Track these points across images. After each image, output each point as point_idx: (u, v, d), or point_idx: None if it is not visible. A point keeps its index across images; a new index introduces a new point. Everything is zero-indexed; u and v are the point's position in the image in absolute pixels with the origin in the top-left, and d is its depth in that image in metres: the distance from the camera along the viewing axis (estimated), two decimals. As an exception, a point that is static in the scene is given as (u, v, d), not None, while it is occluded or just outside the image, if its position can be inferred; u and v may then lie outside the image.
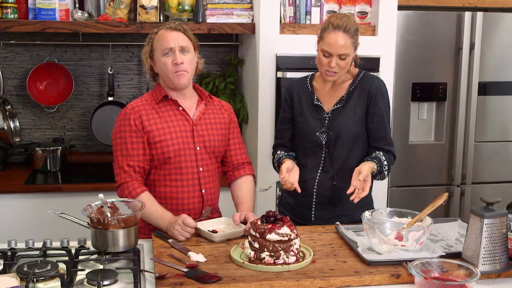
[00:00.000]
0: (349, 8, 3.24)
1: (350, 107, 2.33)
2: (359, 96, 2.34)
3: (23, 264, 1.76)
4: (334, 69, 2.26)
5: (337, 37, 2.22)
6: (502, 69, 3.47)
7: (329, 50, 2.24)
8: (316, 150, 2.37)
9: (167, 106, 2.28)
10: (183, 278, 1.72)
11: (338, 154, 2.34)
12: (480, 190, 3.50)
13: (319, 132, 2.35)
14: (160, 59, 2.22)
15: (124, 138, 2.23)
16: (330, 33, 2.24)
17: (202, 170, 2.28)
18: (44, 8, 3.11)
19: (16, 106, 3.53)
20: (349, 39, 2.23)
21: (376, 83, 2.35)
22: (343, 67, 2.27)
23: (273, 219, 1.86)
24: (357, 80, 2.36)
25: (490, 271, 1.77)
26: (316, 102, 2.38)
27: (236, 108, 3.42)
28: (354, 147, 2.34)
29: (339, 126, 2.32)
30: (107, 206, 1.94)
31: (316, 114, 2.37)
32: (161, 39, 2.22)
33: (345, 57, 2.24)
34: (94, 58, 3.58)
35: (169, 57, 2.21)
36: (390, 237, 1.90)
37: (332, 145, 2.33)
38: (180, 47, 2.20)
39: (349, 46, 2.24)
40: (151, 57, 2.27)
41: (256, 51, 3.16)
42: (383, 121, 2.34)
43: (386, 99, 2.37)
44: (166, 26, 2.25)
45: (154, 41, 2.25)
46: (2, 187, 3.03)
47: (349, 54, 2.25)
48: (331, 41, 2.23)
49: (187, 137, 2.26)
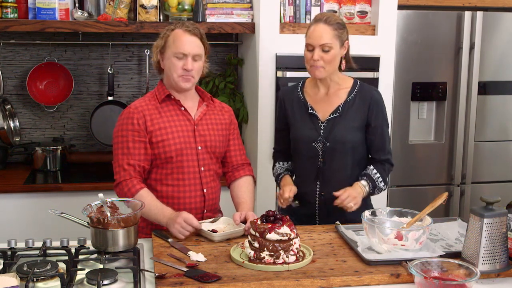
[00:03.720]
0: (349, 8, 3.24)
1: (349, 117, 2.32)
2: (358, 106, 2.32)
3: (23, 263, 1.76)
4: (318, 63, 2.24)
5: (317, 28, 2.24)
6: (502, 69, 3.47)
7: (310, 42, 2.25)
8: (312, 160, 2.35)
9: (169, 106, 2.28)
10: (183, 277, 1.72)
11: (335, 164, 2.33)
12: (480, 189, 3.50)
13: (315, 142, 2.33)
14: (171, 59, 2.22)
15: (126, 137, 2.22)
16: (311, 27, 2.27)
17: (203, 169, 2.28)
18: (44, 8, 3.11)
19: (16, 105, 3.53)
20: (331, 31, 2.23)
21: (376, 95, 2.35)
22: (328, 60, 2.24)
23: (273, 219, 1.86)
24: (356, 90, 2.34)
25: (490, 270, 1.77)
26: (310, 110, 2.36)
27: (236, 108, 3.42)
28: (352, 157, 2.33)
29: (336, 136, 2.31)
30: (107, 206, 1.94)
31: (310, 123, 2.35)
32: (177, 40, 2.21)
33: (328, 49, 2.23)
34: (94, 58, 3.58)
35: (181, 61, 2.20)
36: (390, 237, 1.90)
37: (329, 155, 2.32)
38: (193, 55, 2.21)
39: (331, 37, 2.22)
40: (162, 52, 2.26)
41: (256, 51, 3.16)
42: (383, 133, 2.35)
43: (385, 111, 2.38)
44: (184, 27, 2.22)
45: (169, 39, 2.23)
46: (2, 186, 3.03)
47: (332, 46, 2.23)
48: (312, 32, 2.25)
49: (188, 137, 2.26)
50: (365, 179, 2.32)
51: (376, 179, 2.32)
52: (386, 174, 2.36)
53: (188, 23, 2.26)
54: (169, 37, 2.23)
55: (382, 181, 2.33)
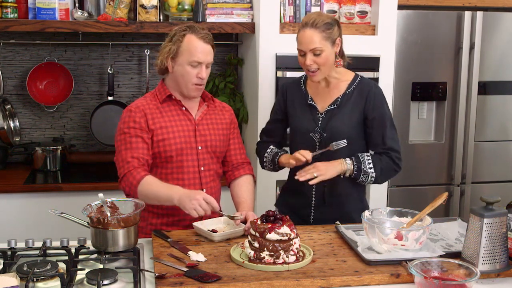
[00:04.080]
0: (348, 8, 3.24)
1: (346, 110, 2.33)
2: (356, 100, 2.33)
3: (23, 263, 1.76)
4: (312, 67, 2.26)
5: (304, 34, 2.25)
6: (502, 69, 3.47)
7: (300, 48, 2.27)
8: (310, 151, 2.35)
9: (170, 106, 2.28)
10: (183, 277, 1.72)
11: (331, 155, 2.32)
12: (480, 189, 3.50)
13: (312, 133, 2.35)
14: (185, 67, 2.20)
15: (128, 134, 2.21)
16: (300, 32, 2.29)
17: (203, 169, 2.28)
18: (44, 8, 3.11)
19: (16, 105, 3.53)
20: (318, 34, 2.23)
21: (374, 88, 2.36)
22: (321, 63, 2.26)
23: (273, 219, 1.86)
24: (355, 83, 2.36)
25: (490, 270, 1.77)
26: (310, 101, 2.38)
27: (236, 108, 3.42)
28: (348, 149, 2.32)
29: (333, 127, 2.32)
30: (107, 206, 1.94)
31: (309, 114, 2.37)
32: (192, 49, 2.19)
33: (319, 52, 2.24)
34: (94, 58, 3.58)
35: (195, 69, 2.20)
36: (390, 237, 1.90)
37: (326, 146, 2.31)
38: (207, 63, 2.21)
39: (320, 41, 2.23)
40: (174, 58, 2.23)
41: (256, 51, 3.16)
42: (381, 127, 2.33)
43: (385, 105, 2.36)
44: (197, 34, 2.20)
45: (183, 45, 2.20)
46: (2, 186, 3.03)
47: (323, 49, 2.24)
48: (301, 38, 2.28)
49: (189, 137, 2.26)
50: (350, 158, 2.29)
51: (365, 161, 2.28)
52: (382, 164, 2.31)
53: (199, 28, 2.23)
54: (183, 43, 2.20)
55: (372, 168, 2.28)
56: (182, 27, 2.24)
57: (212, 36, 2.25)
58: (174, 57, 2.22)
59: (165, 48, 2.24)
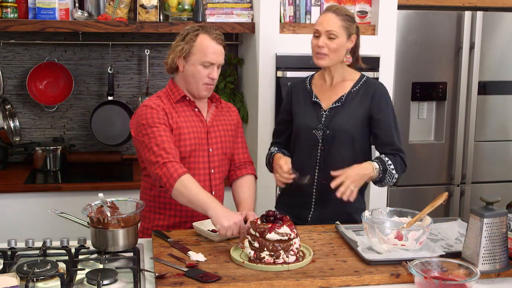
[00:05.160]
0: (349, 8, 3.23)
1: (351, 108, 2.33)
2: (361, 99, 2.33)
3: (23, 263, 1.76)
4: (323, 50, 2.27)
5: (325, 16, 2.30)
6: (502, 69, 3.47)
7: (317, 28, 2.30)
8: (312, 148, 2.36)
9: (183, 107, 2.26)
10: (183, 277, 1.72)
11: (334, 153, 2.33)
12: (480, 189, 3.50)
13: (315, 130, 2.35)
14: (197, 67, 2.19)
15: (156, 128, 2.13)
16: (321, 16, 2.33)
17: (213, 172, 2.28)
18: (44, 8, 3.11)
19: (16, 105, 3.52)
20: (338, 20, 2.27)
21: (381, 88, 2.36)
22: (333, 49, 2.27)
23: (273, 219, 1.86)
24: (361, 82, 2.36)
25: (490, 270, 1.77)
26: (314, 99, 2.39)
27: (236, 108, 3.42)
28: (351, 148, 2.33)
29: (336, 125, 2.32)
30: (107, 206, 1.94)
31: (313, 111, 2.37)
32: (206, 49, 2.18)
33: (334, 37, 2.26)
34: (94, 58, 3.58)
35: (207, 69, 2.19)
36: (390, 237, 1.90)
37: (328, 143, 2.33)
38: (219, 64, 2.21)
39: (338, 27, 2.27)
40: (186, 57, 2.21)
41: (256, 51, 3.16)
42: (389, 128, 2.33)
43: (391, 105, 2.37)
44: (210, 34, 2.19)
45: (196, 45, 2.18)
46: (2, 186, 3.03)
47: (338, 35, 2.27)
48: (320, 20, 2.31)
49: (201, 139, 2.25)
50: (376, 161, 2.27)
51: (386, 161, 2.26)
52: (397, 164, 2.29)
53: (212, 29, 2.22)
54: (196, 43, 2.18)
55: (393, 169, 2.27)
56: (194, 26, 2.23)
57: (224, 37, 2.24)
58: (186, 56, 2.20)
59: (177, 47, 2.22)
